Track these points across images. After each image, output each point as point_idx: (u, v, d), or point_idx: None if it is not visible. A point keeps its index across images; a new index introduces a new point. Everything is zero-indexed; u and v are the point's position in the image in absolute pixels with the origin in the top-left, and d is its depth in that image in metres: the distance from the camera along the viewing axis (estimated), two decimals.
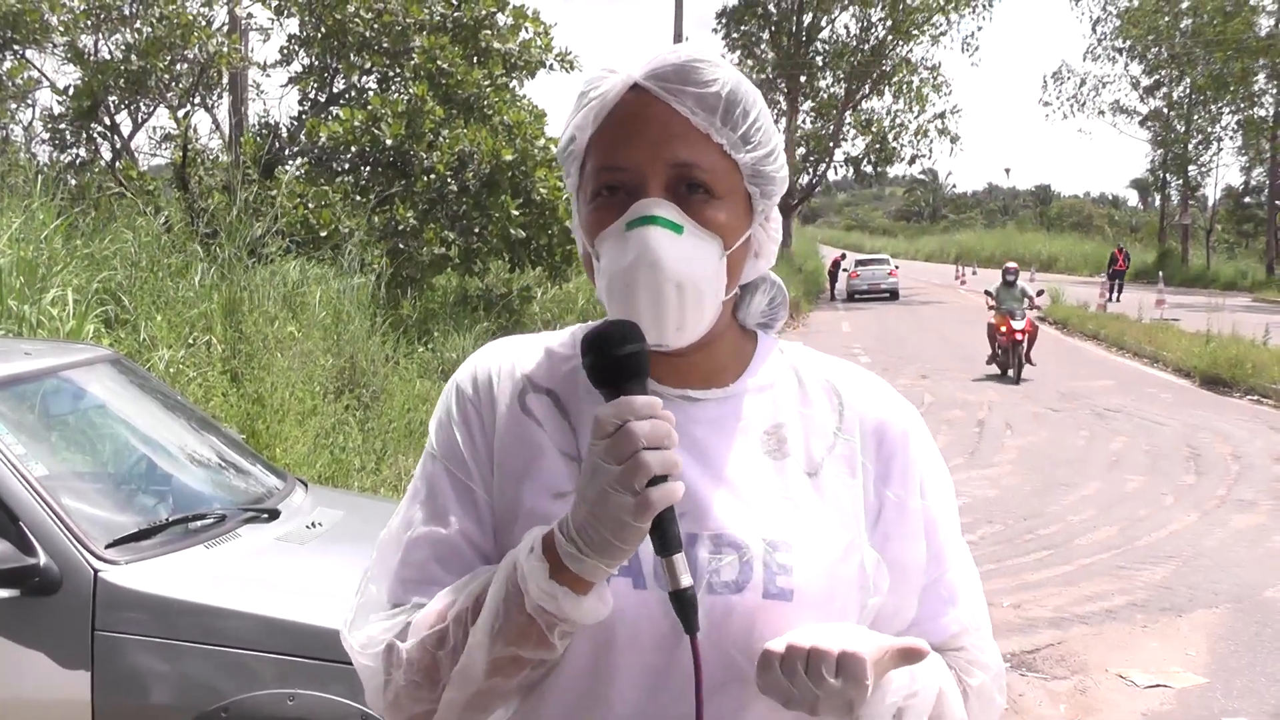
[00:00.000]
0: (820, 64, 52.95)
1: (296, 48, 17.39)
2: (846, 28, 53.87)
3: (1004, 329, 21.09)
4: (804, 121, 53.27)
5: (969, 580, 1.68)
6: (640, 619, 1.48)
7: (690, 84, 1.52)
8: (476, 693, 1.51)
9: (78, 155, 15.59)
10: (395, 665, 1.54)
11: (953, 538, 1.68)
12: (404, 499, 1.68)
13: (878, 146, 51.51)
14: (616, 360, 1.44)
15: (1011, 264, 22.97)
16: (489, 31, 17.36)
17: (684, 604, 1.39)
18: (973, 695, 1.64)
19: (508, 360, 1.69)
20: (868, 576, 1.59)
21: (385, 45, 16.29)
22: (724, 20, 54.09)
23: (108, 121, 15.28)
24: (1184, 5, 56.81)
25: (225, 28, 15.90)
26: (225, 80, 16.39)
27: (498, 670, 1.49)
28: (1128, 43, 60.81)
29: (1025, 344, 20.95)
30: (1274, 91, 55.23)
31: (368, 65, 16.79)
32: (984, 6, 51.61)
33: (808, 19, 52.54)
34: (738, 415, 1.63)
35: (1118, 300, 39.22)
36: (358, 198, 15.68)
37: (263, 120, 17.15)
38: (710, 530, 1.54)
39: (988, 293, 22.59)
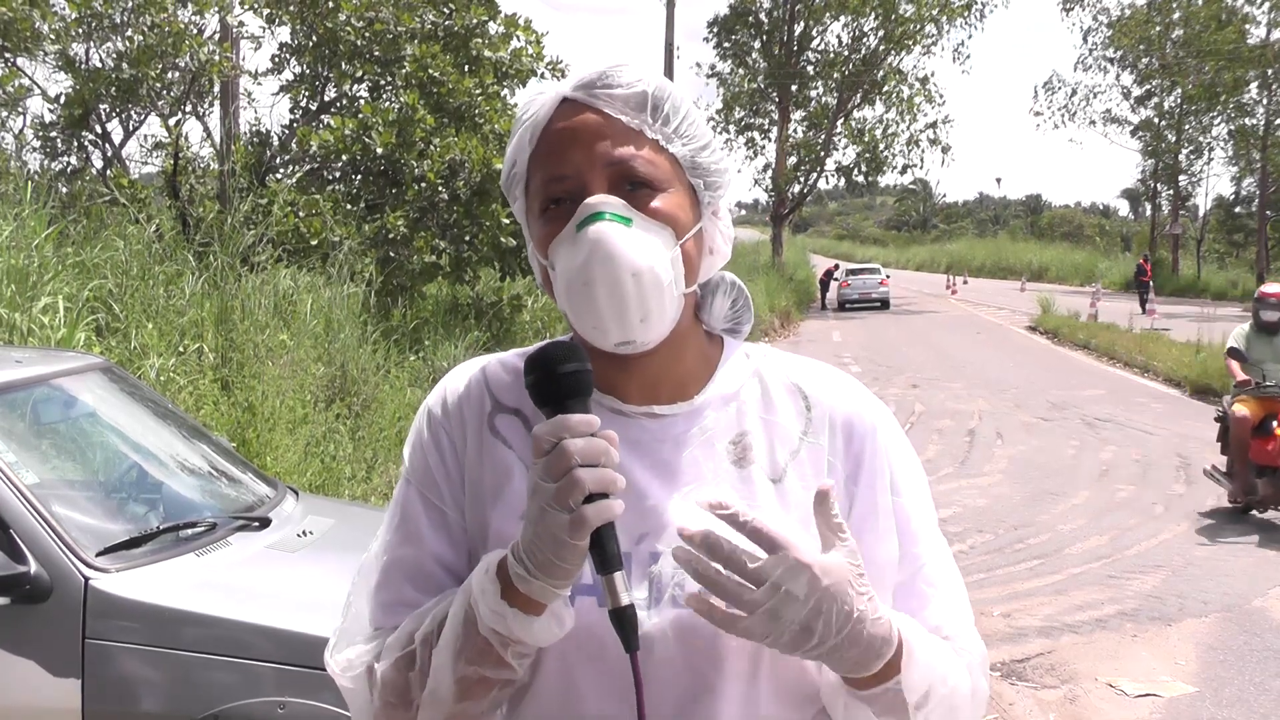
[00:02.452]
0: (812, 73, 52.99)
1: (288, 56, 17.37)
2: (838, 37, 53.89)
3: (1277, 424, 10.71)
4: (795, 131, 53.31)
5: (946, 573, 1.69)
6: (605, 635, 1.47)
7: (615, 86, 1.56)
8: (449, 716, 1.54)
9: (69, 163, 15.56)
10: (374, 687, 1.58)
11: (927, 531, 1.68)
12: (383, 522, 1.71)
13: (869, 156, 51.51)
14: (558, 378, 1.46)
15: (1273, 287, 11.92)
16: (480, 40, 17.34)
17: (623, 622, 1.41)
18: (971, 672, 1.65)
19: (476, 381, 1.71)
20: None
21: (376, 54, 16.27)
22: (715, 29, 54.16)
23: (99, 130, 15.25)
24: (1175, 16, 56.95)
25: (217, 36, 15.86)
26: (217, 89, 16.38)
27: (466, 691, 1.51)
28: (1119, 53, 60.96)
29: None
30: (1265, 101, 55.38)
31: (359, 74, 16.76)
32: (976, 17, 51.77)
33: (799, 28, 52.60)
34: (702, 429, 1.64)
35: (1144, 312, 38.72)
36: (348, 206, 15.67)
37: (254, 129, 17.14)
38: (673, 545, 1.53)
39: (1234, 352, 11.53)
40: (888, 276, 51.33)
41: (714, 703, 1.54)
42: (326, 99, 17.36)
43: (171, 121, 15.05)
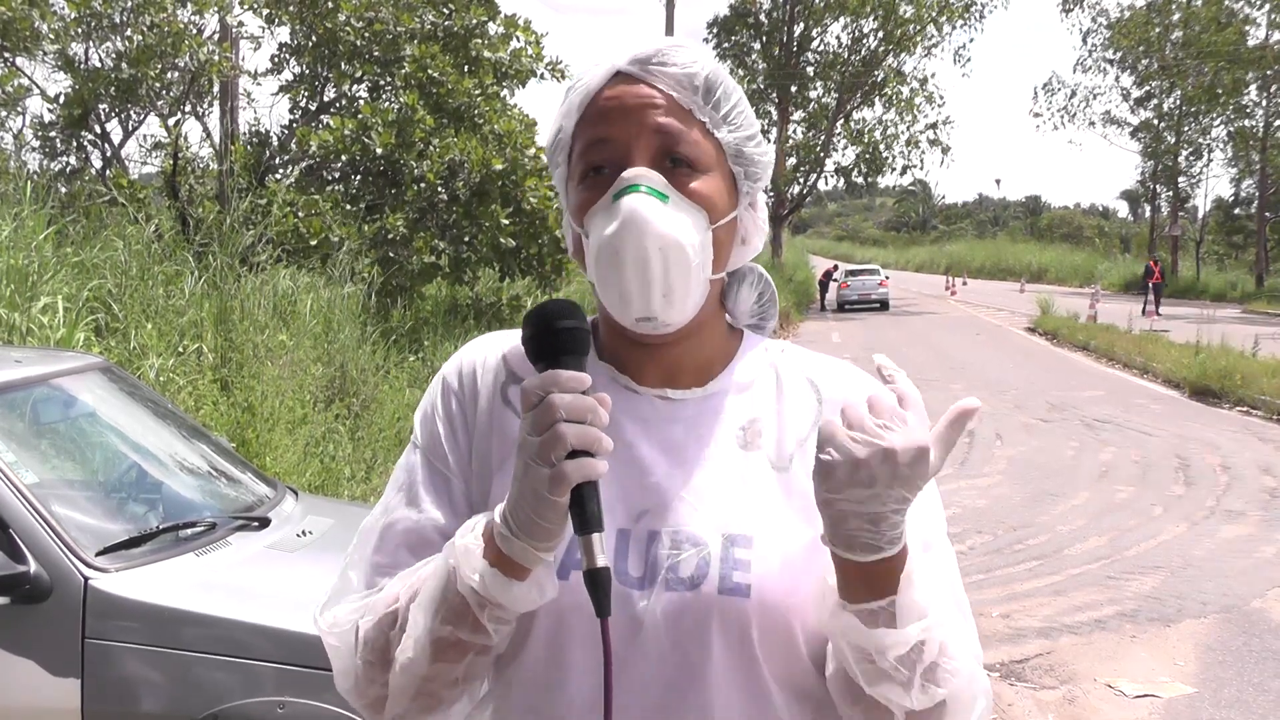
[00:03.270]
0: (811, 74, 53.00)
1: (287, 56, 17.37)
2: (838, 38, 53.94)
3: None
4: (795, 131, 53.32)
5: (949, 576, 1.65)
6: None
7: (671, 64, 1.57)
8: (423, 678, 1.52)
9: (68, 163, 15.56)
10: (358, 645, 1.57)
11: (935, 535, 1.65)
12: (387, 486, 1.70)
13: (869, 157, 51.54)
14: (554, 333, 1.46)
15: None
16: (480, 40, 17.35)
17: (596, 584, 1.38)
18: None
19: (493, 353, 1.71)
20: (833, 571, 1.55)
21: (376, 54, 16.27)
22: (715, 30, 54.16)
23: (98, 129, 15.24)
24: (1175, 17, 56.97)
25: (216, 36, 15.86)
26: (216, 89, 16.37)
27: (440, 653, 1.49)
28: (1118, 54, 60.98)
29: None
30: (1264, 103, 55.40)
31: (358, 74, 16.75)
32: (975, 18, 51.75)
33: (799, 29, 52.60)
34: (715, 413, 1.65)
35: (1159, 314, 38.22)
36: (348, 206, 15.66)
37: (253, 129, 17.14)
38: (671, 527, 1.55)
39: None
40: (887, 278, 51.32)
41: (701, 688, 1.52)
42: (326, 99, 17.35)
43: (171, 121, 15.05)
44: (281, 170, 16.51)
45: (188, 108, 15.76)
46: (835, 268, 55.68)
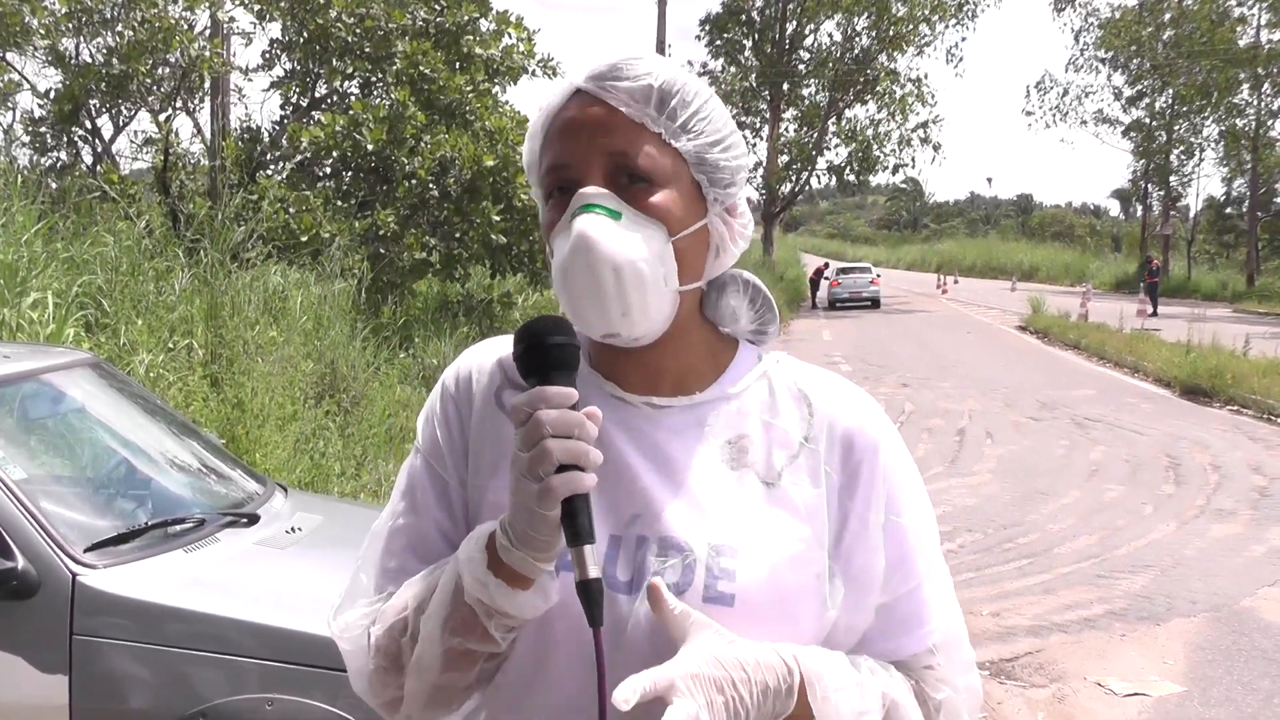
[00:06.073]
0: (803, 72, 53.03)
1: (279, 52, 17.37)
2: (830, 36, 53.99)
3: None
4: (787, 129, 53.33)
5: (943, 598, 1.67)
6: (582, 614, 1.46)
7: (622, 79, 1.56)
8: (435, 685, 1.56)
9: (58, 159, 15.56)
10: (370, 650, 1.60)
11: (927, 553, 1.67)
12: (394, 489, 1.73)
13: (860, 155, 51.55)
14: (544, 350, 1.46)
15: None
16: (471, 37, 17.36)
17: (589, 595, 1.40)
18: (943, 710, 1.64)
19: (491, 358, 1.72)
20: (824, 588, 1.58)
21: (367, 50, 16.28)
22: (707, 27, 54.17)
23: (89, 125, 15.24)
24: (1166, 17, 57.03)
25: (207, 32, 15.86)
26: (207, 84, 16.36)
27: (451, 663, 1.53)
28: (1110, 53, 61.03)
29: None
30: (1256, 103, 55.49)
31: (350, 70, 16.77)
32: (968, 17, 51.81)
33: (791, 27, 52.65)
34: (701, 424, 1.64)
35: (1154, 313, 37.81)
36: (339, 203, 15.66)
37: (244, 125, 17.13)
38: (658, 534, 1.55)
39: None
40: (878, 275, 51.29)
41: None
42: (317, 95, 17.37)
43: (162, 117, 15.05)
44: (273, 166, 16.53)
45: (179, 103, 15.78)
46: (826, 265, 55.75)
